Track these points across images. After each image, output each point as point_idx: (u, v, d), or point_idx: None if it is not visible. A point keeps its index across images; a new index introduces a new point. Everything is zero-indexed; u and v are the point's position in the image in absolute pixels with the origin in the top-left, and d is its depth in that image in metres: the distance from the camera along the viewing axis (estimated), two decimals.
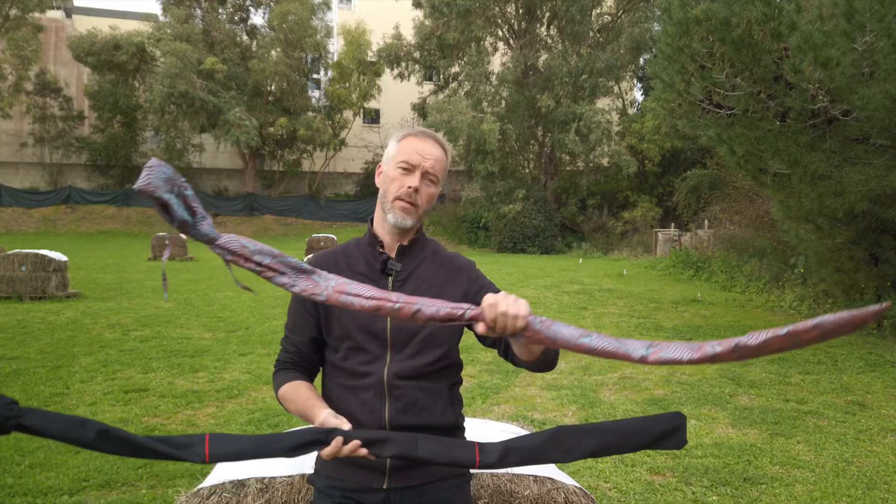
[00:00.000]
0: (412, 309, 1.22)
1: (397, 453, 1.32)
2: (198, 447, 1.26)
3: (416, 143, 1.55)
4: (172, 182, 1.17)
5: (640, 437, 1.32)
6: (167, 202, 1.15)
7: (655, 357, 1.15)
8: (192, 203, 1.20)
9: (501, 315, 1.22)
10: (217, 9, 33.97)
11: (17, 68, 31.12)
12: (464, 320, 1.24)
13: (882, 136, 6.35)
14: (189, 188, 1.20)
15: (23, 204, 31.83)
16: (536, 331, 1.23)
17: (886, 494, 3.38)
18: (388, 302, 1.23)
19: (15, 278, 10.11)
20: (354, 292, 1.24)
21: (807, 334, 1.05)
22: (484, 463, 1.32)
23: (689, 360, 1.14)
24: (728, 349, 1.11)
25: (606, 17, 28.84)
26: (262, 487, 1.68)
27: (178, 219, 1.17)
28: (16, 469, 3.51)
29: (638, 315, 9.58)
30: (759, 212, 14.94)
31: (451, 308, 1.24)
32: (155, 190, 1.14)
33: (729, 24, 6.34)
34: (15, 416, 1.14)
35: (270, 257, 1.25)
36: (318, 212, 33.91)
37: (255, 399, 4.99)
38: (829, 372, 6.14)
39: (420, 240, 1.62)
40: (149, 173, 1.14)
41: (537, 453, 1.33)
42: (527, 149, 28.19)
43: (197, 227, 1.21)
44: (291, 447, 1.30)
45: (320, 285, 1.25)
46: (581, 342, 1.19)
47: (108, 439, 1.20)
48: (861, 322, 1.03)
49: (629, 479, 3.52)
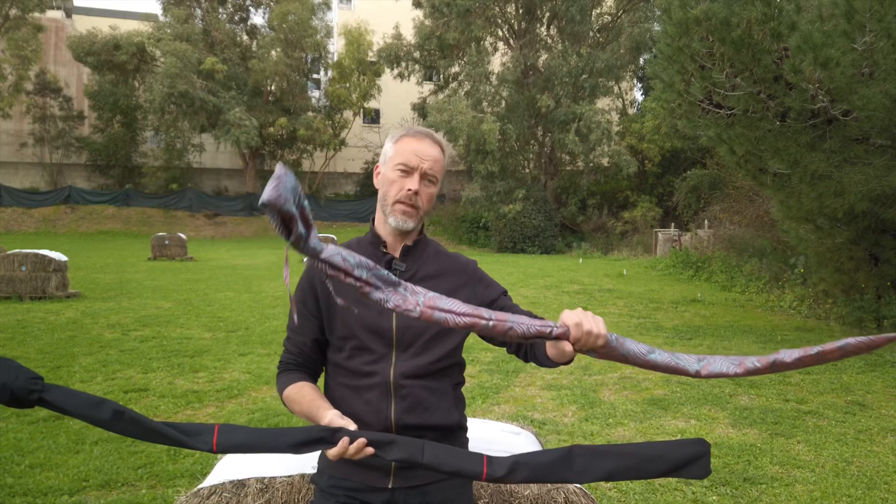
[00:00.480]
0: (505, 327, 1.24)
1: (402, 457, 1.30)
2: (206, 436, 1.26)
3: (413, 145, 1.54)
4: (296, 192, 1.06)
5: (660, 464, 1.28)
6: (293, 216, 1.05)
7: (707, 371, 1.27)
8: (308, 216, 1.10)
9: (587, 334, 1.27)
10: (217, 9, 33.97)
11: (17, 68, 31.12)
12: (552, 337, 1.28)
13: (882, 136, 6.35)
14: (305, 198, 1.10)
15: (23, 204, 31.82)
16: (613, 348, 1.29)
17: (886, 494, 3.38)
18: (481, 319, 1.23)
19: (15, 278, 10.11)
20: (447, 308, 1.22)
21: (831, 354, 1.22)
22: (491, 476, 1.29)
23: (735, 373, 1.27)
24: (766, 365, 1.26)
25: (606, 17, 28.84)
26: (262, 487, 1.68)
27: (297, 233, 1.08)
28: (16, 469, 3.51)
29: (638, 315, 9.58)
30: (759, 212, 14.94)
31: (541, 326, 1.27)
32: (285, 203, 1.02)
33: (729, 24, 6.34)
34: (38, 389, 1.16)
35: (367, 270, 1.19)
36: (318, 212, 33.90)
37: (255, 399, 4.99)
38: (829, 372, 6.14)
39: (423, 240, 1.63)
40: (277, 184, 1.02)
41: (548, 471, 1.31)
42: (527, 149, 28.19)
43: (308, 241, 1.12)
44: (297, 443, 1.30)
45: (409, 300, 1.22)
46: (649, 358, 1.28)
47: (123, 420, 1.21)
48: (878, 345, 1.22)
49: None
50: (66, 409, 1.19)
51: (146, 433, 1.23)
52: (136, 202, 32.97)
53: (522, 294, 11.93)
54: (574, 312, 1.29)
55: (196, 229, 31.18)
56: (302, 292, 1.60)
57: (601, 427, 4.43)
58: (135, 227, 31.25)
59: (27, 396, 1.15)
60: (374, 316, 1.53)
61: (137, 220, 31.74)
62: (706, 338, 7.84)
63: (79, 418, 1.20)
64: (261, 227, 32.15)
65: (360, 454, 1.30)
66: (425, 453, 1.30)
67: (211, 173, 36.27)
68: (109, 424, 1.21)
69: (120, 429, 1.22)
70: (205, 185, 35.56)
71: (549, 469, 1.31)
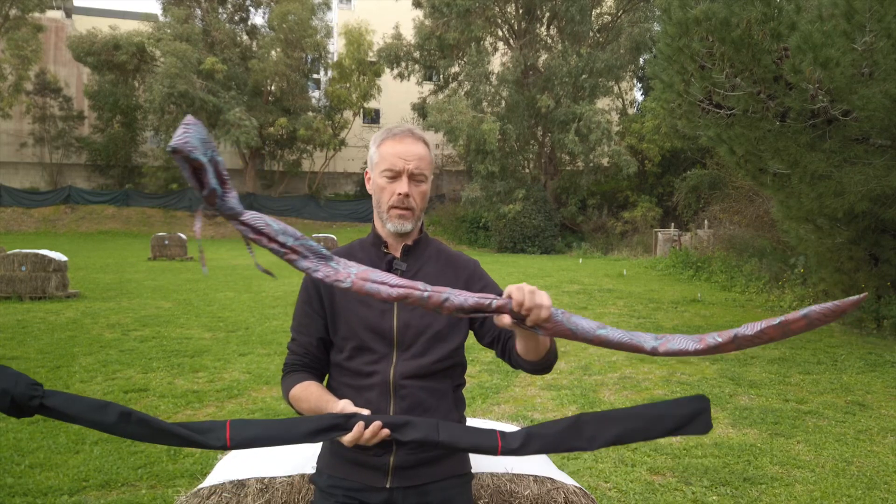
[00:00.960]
0: (440, 298, 1.20)
1: (419, 437, 1.30)
2: (219, 432, 1.24)
3: (395, 148, 1.53)
4: (208, 145, 1.07)
5: (664, 423, 1.30)
6: (203, 165, 1.05)
7: (665, 348, 1.21)
8: (222, 171, 1.11)
9: (529, 294, 1.22)
10: (217, 9, 33.98)
11: (17, 68, 31.12)
12: (491, 310, 1.23)
13: (882, 136, 6.35)
14: (220, 155, 1.11)
15: (23, 204, 31.82)
16: (558, 322, 1.23)
17: (886, 494, 3.38)
18: (415, 290, 1.20)
19: (15, 278, 10.11)
20: (380, 280, 1.20)
21: (795, 324, 1.15)
22: (506, 449, 1.30)
23: (695, 349, 1.20)
24: (728, 339, 1.18)
25: (606, 17, 28.84)
26: (262, 487, 1.68)
27: (209, 186, 1.08)
28: (16, 469, 3.51)
29: (638, 315, 9.58)
30: (759, 212, 14.94)
31: (479, 298, 1.22)
32: (192, 150, 1.03)
33: (729, 24, 6.34)
34: (39, 396, 1.13)
35: (293, 239, 1.19)
36: (318, 212, 33.92)
37: (255, 399, 4.99)
38: (829, 372, 6.14)
39: (423, 239, 1.63)
40: (185, 131, 1.03)
41: (559, 440, 1.32)
42: (527, 149, 28.19)
43: (224, 199, 1.13)
44: (312, 432, 1.28)
45: (341, 272, 1.20)
46: (599, 334, 1.22)
47: (130, 423, 1.18)
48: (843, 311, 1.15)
49: (629, 479, 3.52)
50: (70, 415, 1.16)
51: (155, 434, 1.20)
52: (135, 202, 32.97)
53: None
54: (514, 285, 1.26)
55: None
56: (307, 292, 1.60)
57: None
58: (135, 227, 31.25)
59: (28, 403, 1.12)
60: (375, 316, 1.53)
61: (137, 220, 31.74)
62: None
63: (83, 424, 1.17)
64: None
65: (376, 438, 1.29)
66: (441, 432, 1.30)
67: None
68: (116, 428, 1.18)
69: (127, 432, 1.18)
70: None
71: (560, 439, 1.32)
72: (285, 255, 1.18)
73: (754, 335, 1.17)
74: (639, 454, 3.90)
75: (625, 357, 6.68)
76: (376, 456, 1.50)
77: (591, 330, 1.23)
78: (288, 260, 1.19)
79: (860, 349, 7.18)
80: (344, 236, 27.87)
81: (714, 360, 6.56)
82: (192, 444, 1.23)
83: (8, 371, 1.13)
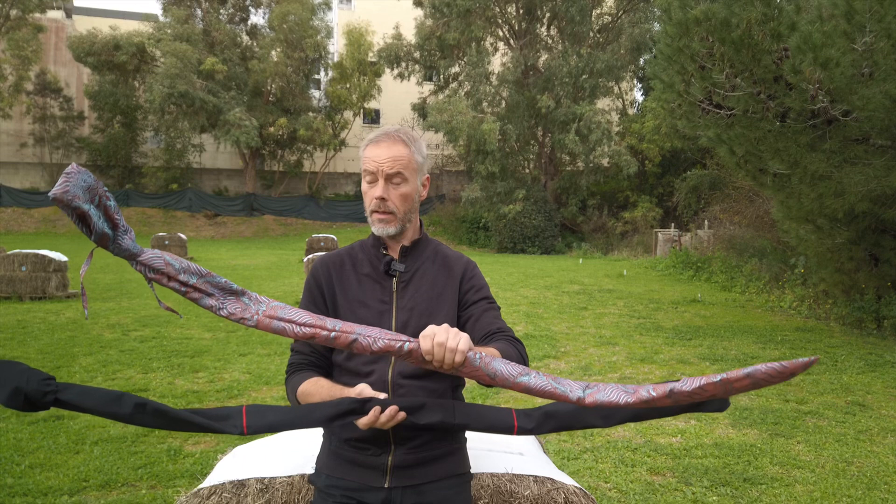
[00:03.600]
0: (349, 339, 1.19)
1: (435, 420, 1.30)
2: (236, 419, 1.23)
3: (371, 151, 1.54)
4: (94, 191, 1.07)
5: None
6: (86, 213, 1.05)
7: (592, 399, 1.16)
8: (113, 215, 1.11)
9: (439, 346, 1.20)
10: (217, 9, 33.96)
11: (17, 68, 31.12)
12: (402, 352, 1.21)
13: (882, 136, 6.35)
14: (111, 198, 1.11)
15: (23, 204, 31.82)
16: (475, 367, 1.21)
17: (886, 495, 3.38)
18: (323, 330, 1.19)
19: (15, 278, 10.11)
20: (287, 318, 1.19)
21: (738, 383, 1.08)
22: (522, 428, 1.30)
23: (626, 403, 1.15)
24: (662, 394, 1.13)
25: (606, 18, 28.84)
26: (262, 487, 1.68)
27: (98, 232, 1.08)
28: (16, 469, 3.51)
29: (638, 315, 9.58)
30: (759, 212, 14.93)
31: (390, 339, 1.21)
32: (73, 199, 1.03)
33: (729, 24, 6.34)
34: (52, 391, 1.13)
35: (197, 277, 1.17)
36: (318, 212, 33.92)
37: (255, 399, 4.99)
38: (829, 372, 6.14)
39: (422, 240, 1.64)
40: (66, 180, 1.04)
41: (575, 418, 1.31)
42: (527, 149, 28.18)
43: (118, 242, 1.13)
44: (328, 417, 1.28)
45: (250, 309, 1.19)
46: (520, 381, 1.19)
47: (146, 413, 1.18)
48: (790, 373, 1.05)
49: (629, 479, 3.52)
50: (85, 408, 1.15)
51: (172, 423, 1.20)
52: (136, 202, 32.97)
53: (522, 294, 11.93)
54: (432, 326, 1.23)
55: (196, 229, 31.18)
56: (311, 292, 1.61)
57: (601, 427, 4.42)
58: (135, 227, 31.23)
59: (42, 399, 1.11)
60: (373, 316, 1.54)
61: (137, 221, 31.73)
62: (706, 338, 7.84)
63: (99, 416, 1.17)
64: (261, 228, 32.16)
65: (392, 421, 1.29)
66: (457, 414, 1.31)
67: (211, 173, 36.27)
68: (132, 418, 1.17)
69: (143, 421, 1.18)
70: (205, 186, 35.56)
71: (575, 417, 1.32)
72: (188, 294, 1.17)
73: (692, 391, 1.12)
74: (639, 454, 3.91)
75: (625, 357, 6.69)
76: (374, 456, 1.51)
77: (511, 377, 1.20)
78: (191, 298, 1.18)
79: (860, 349, 7.17)
80: (344, 236, 27.88)
81: (714, 361, 6.56)
82: (210, 431, 1.23)
83: (19, 367, 1.12)
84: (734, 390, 1.10)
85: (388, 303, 1.56)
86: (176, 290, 1.17)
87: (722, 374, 1.10)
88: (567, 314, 9.60)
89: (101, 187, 1.10)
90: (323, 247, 18.57)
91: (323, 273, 1.60)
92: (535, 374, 1.20)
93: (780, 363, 1.06)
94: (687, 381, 1.12)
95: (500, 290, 12.43)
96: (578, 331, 8.27)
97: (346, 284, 1.57)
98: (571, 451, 3.93)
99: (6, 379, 1.10)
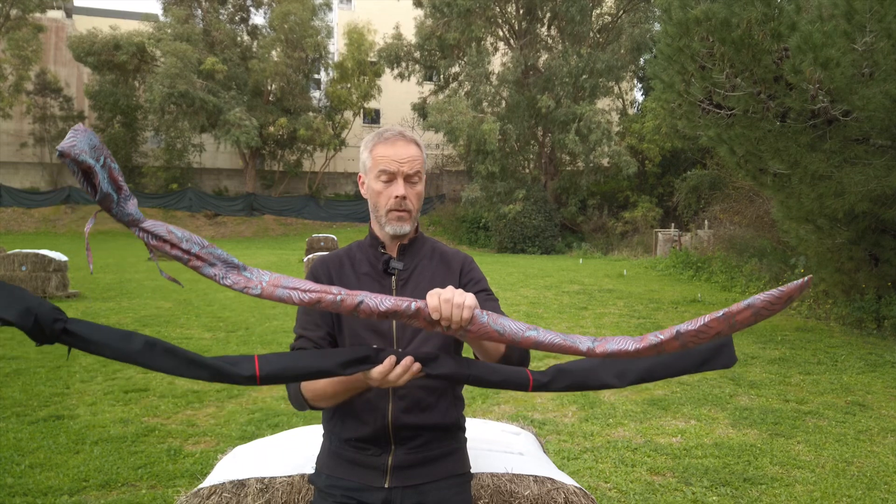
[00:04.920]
0: (355, 301, 1.19)
1: (448, 372, 1.29)
2: (248, 364, 1.21)
3: (387, 151, 1.54)
4: (99, 151, 1.08)
5: (691, 357, 1.29)
6: (91, 168, 1.05)
7: (602, 349, 1.18)
8: (118, 177, 1.11)
9: (445, 302, 1.20)
10: (217, 9, 33.96)
11: (17, 68, 31.11)
12: (409, 312, 1.20)
13: (882, 136, 6.35)
14: (115, 162, 1.11)
15: (23, 204, 31.82)
16: (483, 324, 1.20)
17: (886, 495, 3.38)
18: (328, 294, 1.19)
19: (15, 278, 10.10)
20: (292, 286, 1.19)
21: (740, 315, 1.10)
22: (538, 384, 1.29)
23: (636, 349, 1.16)
24: (670, 336, 1.15)
25: (606, 18, 28.83)
26: (262, 487, 1.68)
27: (102, 191, 1.07)
28: (16, 469, 3.51)
29: (638, 315, 9.58)
30: (759, 212, 14.93)
31: (396, 301, 1.20)
32: (79, 154, 1.03)
33: (729, 24, 6.34)
34: (62, 320, 1.11)
35: (199, 246, 1.17)
36: (318, 212, 33.92)
37: (255, 399, 4.99)
38: (829, 372, 6.14)
39: (419, 238, 1.64)
40: (74, 136, 1.05)
41: (589, 376, 1.31)
42: (527, 149, 28.18)
43: (121, 206, 1.12)
44: (342, 363, 1.25)
45: (253, 280, 1.19)
46: (528, 335, 1.19)
47: (155, 352, 1.15)
48: (788, 297, 1.09)
49: (629, 479, 3.52)
50: (93, 342, 1.13)
51: (182, 366, 1.16)
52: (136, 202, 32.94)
53: (522, 294, 11.93)
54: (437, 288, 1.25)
55: (196, 229, 31.17)
56: None
57: (601, 427, 4.43)
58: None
59: (51, 325, 1.09)
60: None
61: None
62: None
63: (106, 353, 1.13)
64: (261, 228, 32.17)
65: (408, 373, 1.27)
66: (471, 367, 1.30)
67: (211, 173, 36.27)
68: (141, 357, 1.14)
69: (153, 362, 1.15)
70: (205, 185, 35.55)
71: (590, 373, 1.31)
72: (189, 262, 1.16)
73: (698, 329, 1.13)
74: (639, 454, 3.91)
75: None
76: (375, 456, 1.51)
77: (519, 331, 1.19)
78: (192, 267, 1.17)
79: (860, 349, 7.17)
80: (344, 236, 27.88)
81: None
82: (222, 378, 1.20)
83: (30, 294, 1.10)
84: (738, 323, 1.11)
85: None
86: (178, 258, 1.16)
87: (723, 309, 1.12)
88: (567, 314, 9.59)
89: (105, 150, 1.09)
90: (323, 247, 18.58)
91: (323, 272, 1.60)
92: (542, 330, 1.20)
93: (777, 289, 1.08)
94: (692, 322, 1.14)
95: (500, 289, 12.43)
96: (578, 331, 8.28)
97: (345, 284, 1.58)
98: (571, 451, 3.93)
99: (20, 298, 1.08)
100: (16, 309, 1.07)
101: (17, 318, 1.07)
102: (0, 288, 1.08)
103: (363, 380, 1.33)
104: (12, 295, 1.08)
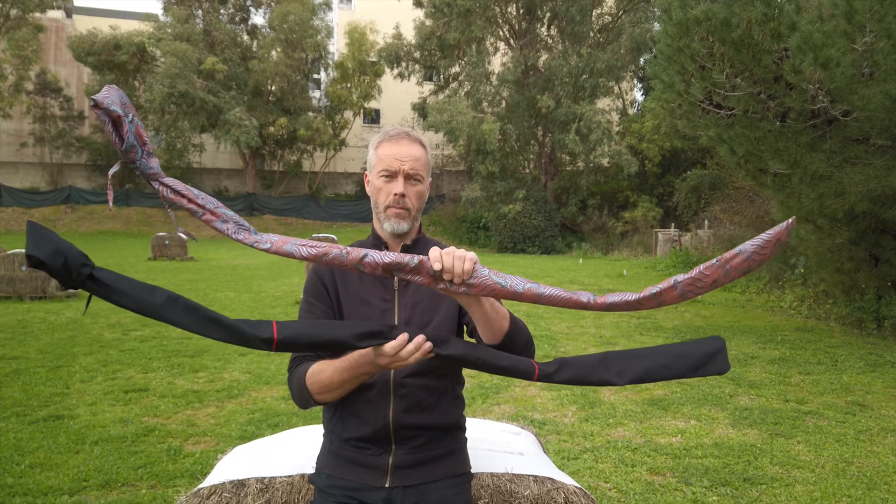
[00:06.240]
0: (360, 255, 1.24)
1: (459, 354, 1.31)
2: (267, 327, 1.23)
3: (391, 149, 1.56)
4: (128, 108, 1.17)
5: (687, 360, 1.33)
6: (121, 117, 1.14)
7: (602, 301, 1.23)
8: (143, 133, 1.19)
9: (447, 254, 1.24)
10: (218, 9, 33.97)
11: (17, 68, 31.11)
12: (411, 266, 1.24)
13: (882, 136, 6.35)
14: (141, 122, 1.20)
15: (23, 204, 31.82)
16: (485, 277, 1.25)
17: (886, 495, 3.38)
18: (334, 248, 1.25)
19: (15, 278, 10.11)
20: (299, 242, 1.25)
21: (733, 261, 1.17)
22: (543, 373, 1.33)
23: (636, 300, 1.22)
24: (668, 286, 1.21)
25: (607, 18, 28.83)
26: (262, 487, 1.68)
27: (129, 142, 1.16)
28: (16, 469, 3.51)
29: (638, 315, 9.59)
30: (759, 212, 14.94)
31: (399, 255, 1.26)
32: (111, 104, 1.13)
33: (729, 24, 6.34)
34: (90, 265, 1.14)
35: (214, 205, 1.25)
36: (318, 212, 33.92)
37: (255, 399, 4.99)
38: (829, 372, 6.14)
39: (421, 239, 1.65)
40: (108, 91, 1.15)
41: (590, 372, 1.35)
42: (527, 149, 28.18)
43: (143, 159, 1.21)
44: (356, 335, 1.28)
45: (263, 238, 1.26)
46: (529, 287, 1.24)
47: (177, 307, 1.18)
48: (777, 240, 1.16)
49: (629, 479, 3.52)
50: (117, 291, 1.15)
51: (202, 323, 1.19)
52: (136, 202, 32.97)
53: None
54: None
55: (196, 229, 31.17)
56: (315, 288, 1.61)
57: (601, 427, 4.43)
58: (135, 227, 31.26)
59: (79, 269, 1.12)
60: (376, 314, 1.55)
61: (138, 220, 31.75)
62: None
63: (129, 304, 1.16)
64: (261, 228, 32.14)
65: (419, 352, 1.28)
66: (480, 351, 1.33)
67: (211, 173, 36.27)
68: (163, 310, 1.17)
69: (173, 317, 1.18)
70: (205, 185, 35.53)
71: (591, 370, 1.35)
72: (203, 216, 1.24)
73: (694, 277, 1.19)
74: (639, 454, 3.91)
75: None
76: (375, 455, 1.51)
77: (520, 283, 1.25)
78: (205, 220, 1.24)
79: (860, 349, 7.17)
80: (344, 236, 27.89)
81: None
82: (240, 339, 1.21)
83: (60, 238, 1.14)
84: (733, 270, 1.17)
85: (390, 301, 1.57)
86: (193, 212, 1.24)
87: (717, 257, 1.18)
88: (567, 314, 9.60)
89: (133, 109, 1.18)
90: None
91: (326, 271, 1.61)
92: (543, 285, 1.25)
93: (765, 233, 1.16)
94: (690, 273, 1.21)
95: None
96: (578, 330, 8.28)
97: (348, 283, 1.58)
98: (571, 451, 3.93)
99: (51, 240, 1.12)
100: (47, 249, 1.10)
101: (48, 258, 1.10)
102: (33, 229, 1.12)
103: (372, 362, 1.33)
104: (44, 236, 1.12)
